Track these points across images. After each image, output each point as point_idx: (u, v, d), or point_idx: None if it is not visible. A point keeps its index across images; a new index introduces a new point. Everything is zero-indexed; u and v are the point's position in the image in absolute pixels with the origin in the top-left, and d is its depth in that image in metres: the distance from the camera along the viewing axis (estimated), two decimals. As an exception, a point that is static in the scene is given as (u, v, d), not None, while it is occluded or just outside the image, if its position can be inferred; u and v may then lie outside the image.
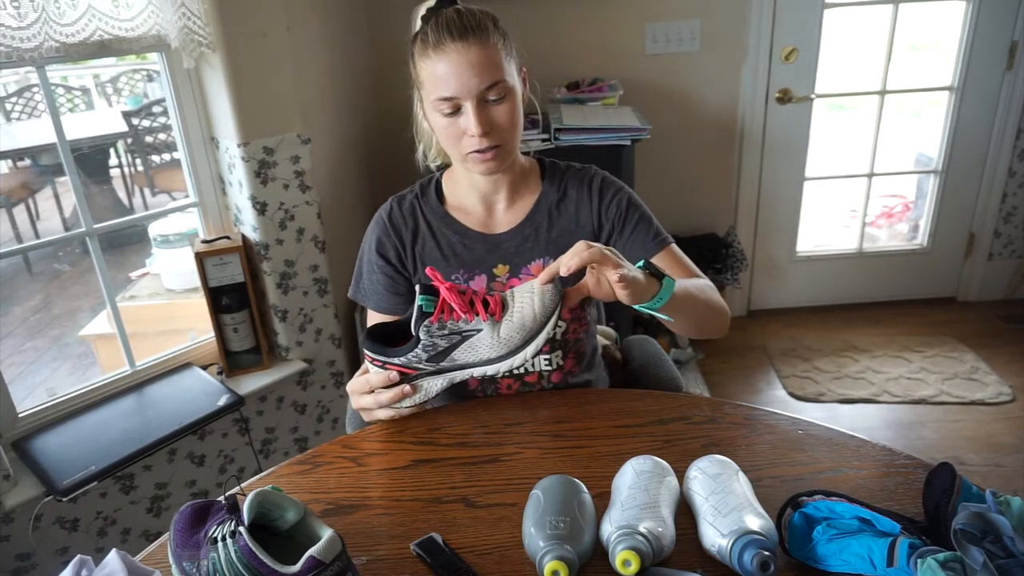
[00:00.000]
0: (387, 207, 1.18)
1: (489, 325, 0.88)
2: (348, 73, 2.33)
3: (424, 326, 0.89)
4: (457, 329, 0.89)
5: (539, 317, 0.88)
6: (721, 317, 1.07)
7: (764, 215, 2.87)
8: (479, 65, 0.99)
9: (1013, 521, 0.62)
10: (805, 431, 0.93)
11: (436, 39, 1.00)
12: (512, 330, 0.88)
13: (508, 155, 1.07)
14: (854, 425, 2.30)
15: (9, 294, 3.65)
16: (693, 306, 0.99)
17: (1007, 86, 2.65)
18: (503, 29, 1.04)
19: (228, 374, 1.91)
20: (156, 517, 1.80)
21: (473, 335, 0.89)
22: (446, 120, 1.03)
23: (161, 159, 4.40)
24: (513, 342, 0.88)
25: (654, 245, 1.12)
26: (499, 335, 0.88)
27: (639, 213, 1.14)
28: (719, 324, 1.07)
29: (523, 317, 0.88)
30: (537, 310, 0.88)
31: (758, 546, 0.66)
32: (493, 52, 1.00)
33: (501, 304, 0.89)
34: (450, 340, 0.90)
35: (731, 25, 2.55)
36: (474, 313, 0.89)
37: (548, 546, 0.68)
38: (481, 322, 0.88)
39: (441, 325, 0.89)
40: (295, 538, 0.70)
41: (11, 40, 1.35)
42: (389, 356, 0.92)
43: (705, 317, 1.04)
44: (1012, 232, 2.89)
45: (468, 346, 0.90)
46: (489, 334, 0.88)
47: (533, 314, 0.88)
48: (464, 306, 0.88)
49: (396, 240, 1.15)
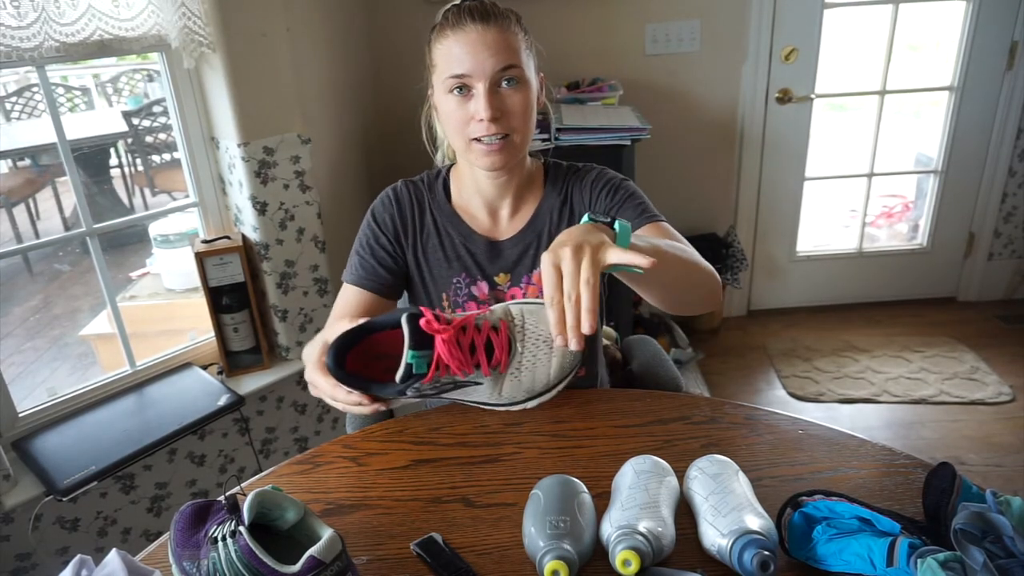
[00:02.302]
0: (397, 186, 1.14)
1: (491, 381, 0.75)
2: (348, 73, 2.33)
3: (414, 387, 0.76)
4: (452, 380, 0.76)
5: (552, 381, 0.76)
6: (708, 281, 0.95)
7: (764, 215, 2.87)
8: (495, 46, 0.96)
9: (1013, 521, 0.62)
10: (805, 431, 0.93)
11: (456, 20, 0.98)
12: (515, 390, 0.76)
13: (516, 151, 1.03)
14: (854, 425, 2.30)
15: (9, 294, 3.65)
16: (668, 264, 0.85)
17: (1007, 86, 2.65)
18: (526, 28, 1.03)
19: (228, 374, 1.91)
20: (156, 517, 1.81)
21: (470, 385, 0.77)
22: (455, 102, 0.99)
23: (161, 159, 4.40)
24: (515, 399, 0.78)
25: (640, 220, 1.04)
26: (500, 393, 0.76)
27: (628, 194, 1.08)
28: (705, 291, 0.96)
29: (533, 380, 0.75)
30: (553, 374, 0.75)
31: (758, 546, 0.66)
32: (512, 39, 0.98)
33: (508, 345, 0.75)
34: (442, 388, 0.77)
35: (731, 25, 2.55)
36: (474, 366, 0.75)
37: (548, 546, 0.68)
38: (482, 376, 0.75)
39: (435, 383, 0.75)
40: (295, 538, 0.70)
41: (11, 40, 1.35)
42: (367, 390, 0.80)
43: (686, 280, 0.92)
44: (1012, 232, 2.89)
45: (462, 392, 0.79)
46: (489, 388, 0.76)
47: (546, 379, 0.75)
48: (463, 362, 0.74)
49: (399, 218, 1.11)
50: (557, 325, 0.71)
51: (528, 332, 0.76)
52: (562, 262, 0.72)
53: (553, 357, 0.74)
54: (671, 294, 0.94)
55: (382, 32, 2.48)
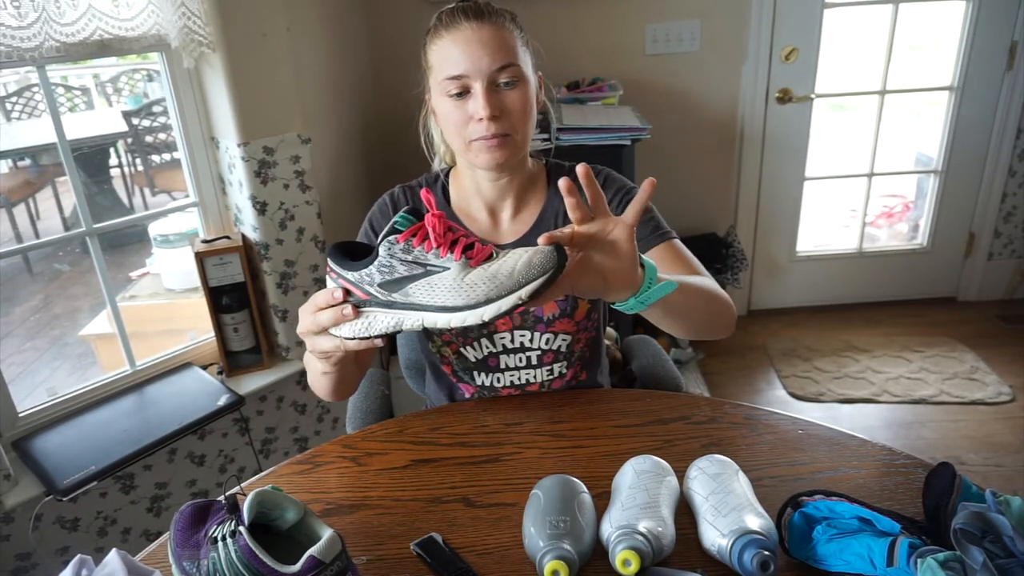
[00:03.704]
0: (394, 192, 1.13)
1: (459, 266, 0.74)
2: (348, 73, 2.33)
3: (388, 241, 0.76)
4: (423, 260, 0.75)
5: (517, 276, 0.72)
6: (725, 311, 0.96)
7: (764, 215, 2.87)
8: (492, 45, 0.95)
9: (1013, 521, 0.62)
10: (805, 431, 0.93)
11: (450, 21, 0.97)
12: (480, 278, 0.73)
13: (516, 149, 1.01)
14: (854, 425, 2.30)
15: (9, 294, 3.65)
16: (690, 297, 0.88)
17: (1007, 86, 2.65)
18: (521, 26, 1.02)
19: (228, 374, 1.91)
20: (156, 517, 1.81)
21: (437, 272, 0.75)
22: (452, 104, 0.98)
23: (161, 159, 4.40)
24: (476, 293, 0.73)
25: (653, 238, 1.03)
26: (464, 279, 0.73)
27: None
28: (723, 321, 0.97)
29: (498, 269, 0.73)
30: (519, 267, 0.72)
31: (758, 546, 0.66)
32: (508, 36, 0.97)
33: (488, 255, 0.76)
34: (411, 269, 0.76)
35: (731, 25, 2.55)
36: (449, 250, 0.75)
37: (548, 546, 0.68)
38: (452, 261, 0.74)
39: (407, 248, 0.75)
40: (295, 538, 0.70)
41: (11, 40, 1.35)
42: (344, 268, 0.79)
43: (705, 311, 0.93)
44: (1012, 232, 2.89)
45: (427, 283, 0.75)
46: (454, 275, 0.74)
47: (511, 270, 0.73)
48: (442, 239, 0.75)
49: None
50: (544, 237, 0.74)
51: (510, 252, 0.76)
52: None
53: (524, 254, 0.74)
54: (691, 325, 0.95)
55: (382, 32, 2.48)
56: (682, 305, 0.87)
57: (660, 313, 0.86)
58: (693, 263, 1.03)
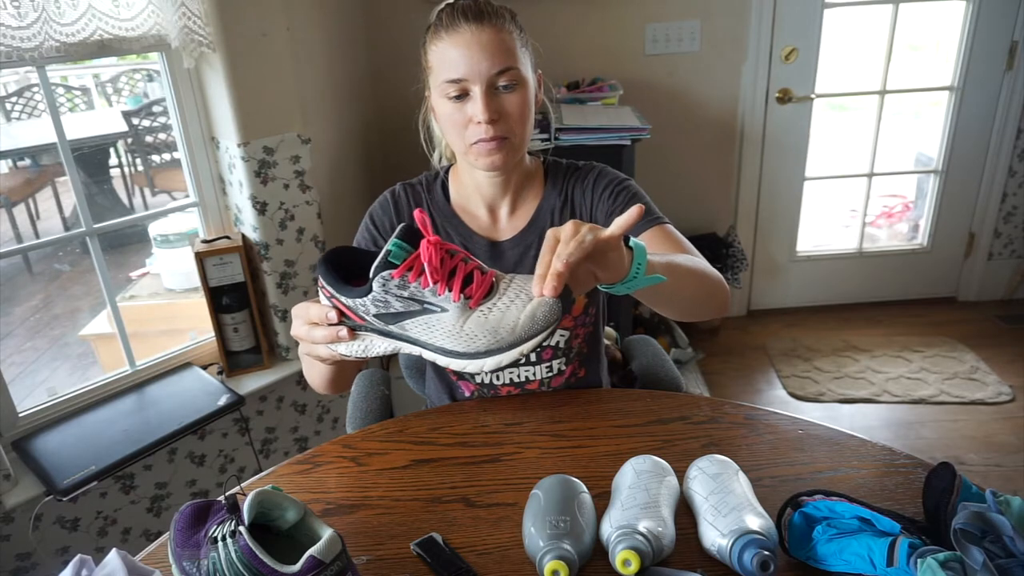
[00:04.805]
0: (395, 189, 1.13)
1: (458, 309, 0.70)
2: (348, 73, 2.33)
3: (382, 276, 0.71)
4: (419, 296, 0.71)
5: (519, 331, 0.69)
6: (718, 291, 0.95)
7: (764, 215, 2.87)
8: (491, 48, 0.95)
9: (1013, 521, 0.62)
10: (805, 431, 0.93)
11: (450, 22, 0.97)
12: (481, 329, 0.70)
13: (515, 151, 1.02)
14: (854, 425, 2.30)
15: (9, 294, 3.65)
16: (682, 277, 0.87)
17: (1007, 86, 2.65)
18: (521, 24, 1.02)
19: (228, 374, 1.91)
20: (156, 517, 1.81)
21: (435, 312, 0.71)
22: (452, 106, 0.98)
23: (161, 159, 4.39)
24: (476, 344, 0.70)
25: (644, 224, 1.01)
26: (463, 327, 0.70)
27: (631, 195, 1.07)
28: (716, 300, 0.96)
29: (499, 321, 0.70)
30: (522, 321, 0.69)
31: (758, 546, 0.66)
32: (507, 38, 0.97)
33: (488, 288, 0.72)
34: (407, 306, 0.72)
35: (731, 25, 2.55)
36: (447, 287, 0.71)
37: (548, 546, 0.68)
38: (450, 302, 0.70)
39: (402, 284, 0.71)
40: (295, 538, 0.70)
41: (11, 40, 1.35)
42: (337, 291, 0.76)
43: (698, 291, 0.92)
44: (1012, 232, 2.89)
45: (425, 322, 0.72)
46: (453, 319, 0.70)
47: (513, 324, 0.69)
48: (439, 274, 0.71)
49: (396, 221, 1.10)
50: (539, 279, 0.70)
51: (513, 286, 0.73)
52: (562, 231, 0.72)
53: (527, 305, 0.70)
54: (683, 305, 0.95)
55: (382, 32, 2.48)
56: (672, 284, 0.84)
57: (650, 294, 0.86)
58: (684, 245, 1.01)
